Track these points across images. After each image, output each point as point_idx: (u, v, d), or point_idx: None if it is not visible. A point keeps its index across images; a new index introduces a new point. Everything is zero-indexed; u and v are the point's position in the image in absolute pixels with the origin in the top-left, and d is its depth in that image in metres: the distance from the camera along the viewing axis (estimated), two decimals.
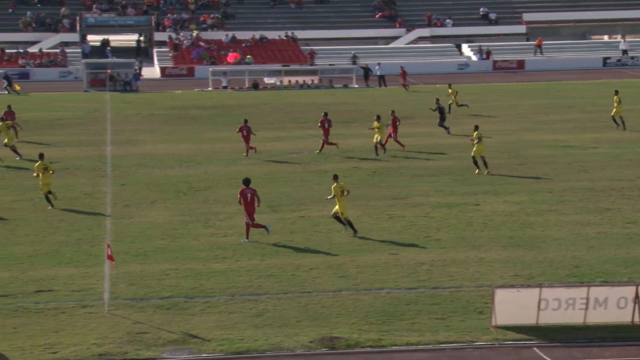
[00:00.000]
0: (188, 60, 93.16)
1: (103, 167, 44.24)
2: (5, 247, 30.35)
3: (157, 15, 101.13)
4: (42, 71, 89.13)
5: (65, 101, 70.71)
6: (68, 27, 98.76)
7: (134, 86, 79.69)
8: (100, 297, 25.13)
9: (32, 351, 21.71)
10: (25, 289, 26.08)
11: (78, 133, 54.68)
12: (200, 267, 28.16)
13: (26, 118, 60.58)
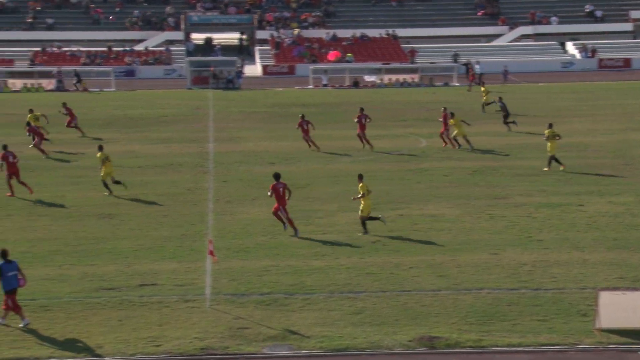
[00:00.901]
0: (289, 59, 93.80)
1: (205, 163, 44.85)
2: (111, 242, 31.02)
3: (259, 14, 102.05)
4: (147, 69, 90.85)
5: (169, 98, 71.93)
6: (173, 25, 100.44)
7: (236, 84, 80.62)
8: (202, 292, 25.50)
9: (136, 344, 22.14)
10: (130, 283, 26.62)
11: (181, 130, 55.57)
12: (300, 264, 28.33)
13: (133, 115, 61.89)
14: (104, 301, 25.03)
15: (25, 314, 23.59)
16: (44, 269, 27.82)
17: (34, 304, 24.72)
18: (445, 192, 37.72)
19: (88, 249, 30.07)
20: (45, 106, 65.88)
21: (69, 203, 36.42)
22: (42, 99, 71.40)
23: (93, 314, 24.09)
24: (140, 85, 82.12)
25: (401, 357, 21.58)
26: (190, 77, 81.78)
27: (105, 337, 22.50)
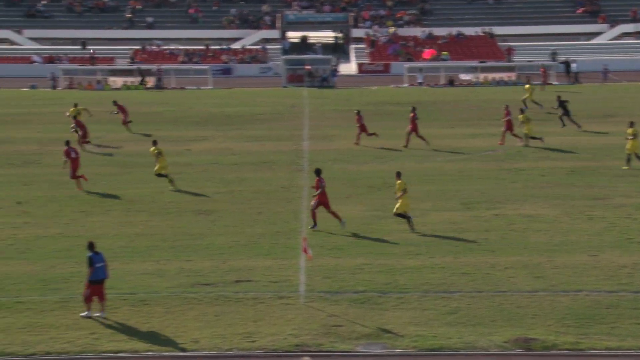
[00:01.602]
0: (384, 57, 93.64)
1: (300, 161, 45.07)
2: (207, 238, 31.42)
3: (355, 12, 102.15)
4: (244, 67, 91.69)
5: (265, 96, 72.49)
6: (269, 24, 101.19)
7: (331, 82, 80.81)
8: (297, 289, 25.66)
9: (232, 339, 22.39)
10: (225, 279, 26.92)
11: (277, 128, 55.95)
12: (394, 263, 28.27)
13: (229, 113, 62.52)
14: (200, 296, 25.37)
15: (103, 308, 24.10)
16: (142, 264, 28.33)
17: (134, 297, 25.20)
18: (542, 192, 37.22)
19: (185, 245, 30.51)
20: (144, 104, 67.15)
21: (167, 199, 37.00)
22: (141, 97, 72.67)
23: (189, 309, 24.44)
24: (237, 83, 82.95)
25: (496, 358, 21.38)
26: (285, 75, 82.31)
27: (202, 332, 22.80)
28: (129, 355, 21.67)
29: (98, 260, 24.07)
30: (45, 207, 35.63)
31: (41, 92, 76.30)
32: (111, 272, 27.07)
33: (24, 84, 79.36)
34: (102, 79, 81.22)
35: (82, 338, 22.47)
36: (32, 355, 21.58)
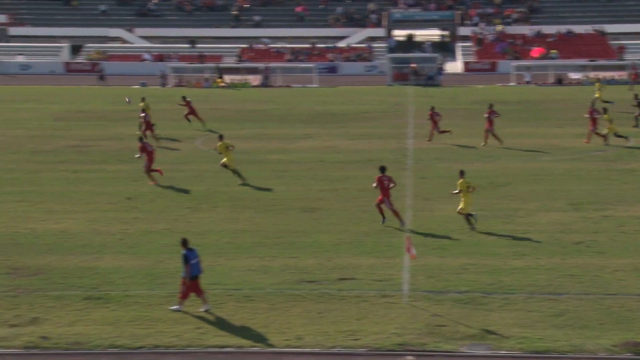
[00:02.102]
0: (491, 55, 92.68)
1: (404, 160, 44.92)
2: (312, 235, 31.56)
3: (462, 10, 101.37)
4: (349, 65, 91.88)
5: (370, 95, 72.49)
6: (375, 22, 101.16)
7: (437, 80, 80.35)
8: (400, 288, 25.58)
9: (335, 336, 22.45)
10: (329, 276, 27.01)
11: (381, 126, 55.89)
12: (499, 263, 27.94)
13: (334, 111, 62.69)
14: (304, 293, 25.50)
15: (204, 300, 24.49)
16: (247, 260, 28.62)
17: (239, 293, 25.48)
18: None
19: (290, 242, 30.71)
20: (251, 102, 67.86)
21: (273, 196, 37.31)
22: (248, 95, 73.45)
23: (293, 306, 24.59)
24: (342, 81, 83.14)
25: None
26: (390, 73, 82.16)
27: (305, 329, 22.92)
28: (235, 350, 21.91)
29: (192, 257, 24.40)
30: (154, 202, 36.31)
31: (151, 89, 77.76)
32: (217, 268, 27.50)
33: (135, 81, 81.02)
34: (210, 77, 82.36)
35: (188, 332, 22.83)
36: (140, 349, 22.00)
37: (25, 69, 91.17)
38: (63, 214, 34.31)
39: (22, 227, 32.36)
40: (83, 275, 26.99)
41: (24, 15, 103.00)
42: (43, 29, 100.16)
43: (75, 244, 30.25)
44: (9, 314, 23.86)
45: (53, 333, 22.68)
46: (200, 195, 37.39)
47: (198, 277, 24.41)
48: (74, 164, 43.47)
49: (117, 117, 59.19)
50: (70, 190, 38.27)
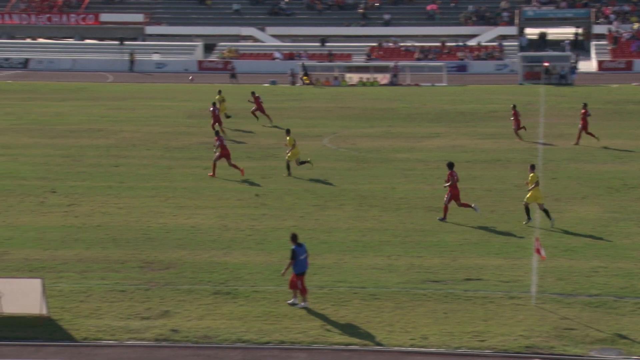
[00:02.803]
0: (627, 54, 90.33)
1: (534, 160, 44.19)
2: (437, 234, 31.39)
3: (597, 8, 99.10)
4: (479, 64, 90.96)
5: (500, 94, 71.57)
6: (507, 20, 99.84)
7: (570, 79, 78.79)
8: (528, 290, 25.20)
9: (461, 337, 22.28)
10: (455, 276, 26.81)
11: (511, 125, 55.06)
12: (632, 267, 27.24)
13: (463, 110, 62.15)
14: (430, 293, 25.38)
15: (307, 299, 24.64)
16: (373, 259, 28.66)
17: (364, 292, 25.55)
18: None
19: (415, 241, 30.62)
20: (379, 100, 67.87)
21: (399, 195, 37.25)
22: (376, 93, 73.51)
23: (419, 305, 24.51)
24: (471, 80, 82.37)
25: None
26: (522, 72, 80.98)
27: (430, 329, 22.82)
28: (360, 349, 21.98)
29: (301, 253, 24.57)
30: (282, 199, 36.70)
31: (281, 87, 78.64)
32: (343, 266, 27.64)
33: (265, 79, 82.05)
34: (339, 75, 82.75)
35: (314, 329, 23.00)
36: (267, 344, 22.29)
37: (161, 67, 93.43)
38: (194, 209, 35.04)
39: (155, 221, 33.18)
40: (212, 270, 27.50)
41: (160, 15, 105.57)
42: (178, 28, 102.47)
43: (205, 239, 30.85)
44: (141, 307, 24.50)
45: (183, 326, 23.18)
46: (327, 193, 37.60)
47: (304, 273, 24.59)
48: (205, 160, 44.30)
49: (247, 114, 60.03)
50: (200, 186, 39.05)
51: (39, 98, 67.64)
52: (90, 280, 26.62)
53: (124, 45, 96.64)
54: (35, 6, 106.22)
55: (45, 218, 33.52)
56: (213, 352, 21.86)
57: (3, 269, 27.28)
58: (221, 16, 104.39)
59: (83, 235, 31.26)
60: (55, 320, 23.45)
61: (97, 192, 37.66)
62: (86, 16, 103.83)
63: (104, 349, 22.00)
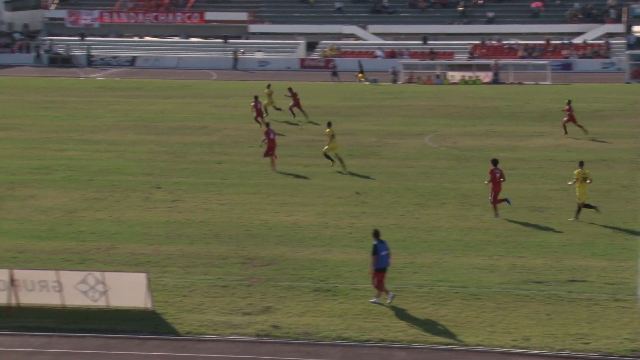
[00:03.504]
0: None
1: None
2: (540, 235, 30.97)
3: None
4: (585, 62, 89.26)
5: (606, 92, 70.16)
6: (614, 17, 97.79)
7: None
8: (634, 292, 24.67)
9: (564, 339, 21.94)
10: (558, 277, 26.41)
11: (617, 125, 54.00)
12: None
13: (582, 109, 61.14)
14: (532, 294, 25.06)
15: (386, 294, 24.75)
16: (475, 258, 28.43)
17: (465, 291, 25.37)
18: None
19: (517, 241, 30.26)
20: (481, 98, 67.23)
21: (501, 195, 36.77)
22: (478, 91, 72.84)
23: (521, 306, 24.22)
24: (576, 78, 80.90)
25: None
26: (629, 70, 79.21)
27: (533, 330, 22.53)
28: (460, 348, 21.84)
29: (382, 249, 24.62)
30: (382, 197, 36.67)
31: (382, 85, 78.53)
32: (444, 265, 27.51)
33: (366, 77, 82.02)
34: (441, 74, 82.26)
35: (414, 328, 22.94)
36: (367, 342, 22.31)
37: (263, 65, 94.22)
38: (295, 206, 35.27)
39: (256, 218, 33.51)
40: (313, 267, 27.65)
41: (264, 13, 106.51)
42: (281, 26, 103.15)
43: (305, 236, 31.04)
44: (243, 302, 24.78)
45: (283, 322, 23.37)
46: (428, 192, 37.42)
47: (385, 269, 24.61)
48: (305, 158, 44.57)
49: (349, 112, 60.17)
50: (301, 183, 39.28)
51: (144, 95, 68.95)
52: (193, 275, 27.05)
53: (228, 43, 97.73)
54: (142, 5, 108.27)
55: (150, 213, 34.17)
56: (313, 349, 21.98)
57: (110, 263, 27.91)
58: (323, 14, 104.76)
59: (186, 231, 31.77)
60: (160, 314, 23.89)
61: (200, 188, 38.22)
62: (192, 15, 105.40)
63: (206, 343, 22.33)
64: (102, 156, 45.14)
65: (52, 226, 32.29)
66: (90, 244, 30.14)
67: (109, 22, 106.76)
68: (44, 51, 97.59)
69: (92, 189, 38.00)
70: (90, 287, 23.94)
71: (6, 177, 39.85)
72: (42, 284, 24.00)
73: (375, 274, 24.63)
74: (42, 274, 24.28)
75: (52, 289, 24.00)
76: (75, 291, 23.98)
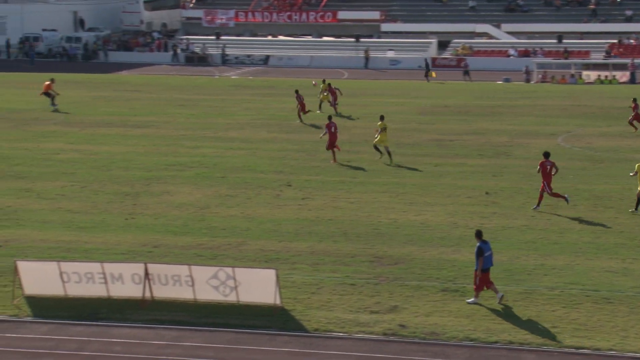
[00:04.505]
0: None
1: None
2: None
3: None
4: None
5: None
6: None
7: None
8: None
9: None
10: None
11: None
12: None
13: None
14: None
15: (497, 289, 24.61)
16: (607, 261, 27.83)
17: (597, 295, 24.87)
18: None
19: None
20: (616, 98, 65.64)
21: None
22: (614, 91, 71.13)
23: None
24: None
25: None
26: None
27: None
28: (591, 352, 21.42)
29: (487, 249, 24.53)
30: (512, 198, 36.22)
31: (514, 85, 77.55)
32: (575, 267, 27.03)
33: (498, 77, 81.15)
34: (575, 73, 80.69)
35: (543, 330, 22.61)
36: (495, 343, 22.10)
37: (394, 64, 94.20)
38: (423, 206, 35.17)
39: (385, 217, 33.56)
40: (441, 267, 27.54)
41: (396, 12, 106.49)
42: (413, 25, 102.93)
43: (434, 236, 30.93)
44: (370, 301, 24.87)
45: (410, 322, 23.36)
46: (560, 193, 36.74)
47: (489, 270, 24.55)
48: (435, 157, 44.39)
49: (481, 112, 59.65)
50: (431, 183, 39.13)
51: (277, 94, 69.84)
52: (322, 272, 27.28)
53: (360, 43, 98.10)
54: (277, 4, 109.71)
55: (281, 210, 34.62)
56: (440, 349, 21.90)
57: (240, 259, 28.41)
58: (456, 13, 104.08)
59: (316, 229, 32.06)
60: (288, 311, 24.20)
61: (329, 186, 38.51)
62: (325, 14, 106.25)
63: (334, 340, 22.49)
64: (235, 154, 45.95)
65: (185, 221, 33.06)
66: (222, 239, 30.73)
67: (243, 21, 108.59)
68: (181, 50, 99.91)
69: (224, 185, 38.74)
70: (221, 282, 24.42)
71: (143, 174, 40.99)
72: (175, 278, 24.59)
73: (477, 274, 24.54)
74: (176, 269, 24.87)
75: (185, 283, 24.57)
76: (207, 286, 24.50)
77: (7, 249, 29.52)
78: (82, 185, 38.71)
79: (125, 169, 42.09)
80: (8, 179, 39.73)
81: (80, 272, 24.91)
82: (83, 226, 32.31)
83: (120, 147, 47.43)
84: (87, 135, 51.38)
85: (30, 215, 33.71)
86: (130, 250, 29.30)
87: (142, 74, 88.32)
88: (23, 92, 70.45)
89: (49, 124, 55.03)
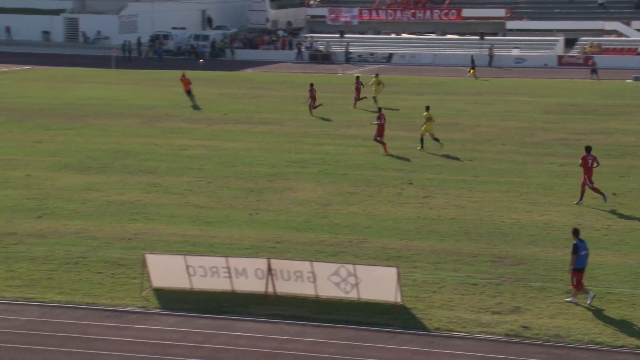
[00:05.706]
0: None
1: None
2: None
3: None
4: None
5: None
6: None
7: None
8: None
9: None
10: None
11: None
12: None
13: None
14: None
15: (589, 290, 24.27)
16: None
17: None
18: None
19: None
20: None
21: None
22: None
23: None
24: None
25: None
26: None
27: None
28: None
29: (582, 248, 24.19)
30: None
31: None
32: None
33: (628, 75, 79.22)
34: None
35: None
36: (621, 347, 21.66)
37: (520, 62, 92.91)
38: (547, 206, 34.66)
39: (507, 217, 33.20)
40: (565, 269, 27.08)
41: (522, 10, 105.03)
42: (539, 23, 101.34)
43: (558, 237, 30.45)
44: (492, 301, 24.67)
45: (534, 323, 23.08)
46: None
47: (583, 269, 24.21)
48: (560, 157, 43.67)
49: (608, 111, 58.37)
50: (555, 183, 38.52)
51: (400, 92, 69.71)
52: (443, 271, 27.19)
53: (484, 40, 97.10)
54: (400, 2, 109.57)
55: (402, 209, 34.62)
56: (564, 352, 21.57)
57: (361, 257, 28.54)
58: (585, 10, 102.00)
59: (437, 227, 31.95)
60: (409, 309, 24.21)
61: (451, 185, 38.30)
62: (449, 11, 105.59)
63: (455, 340, 22.41)
64: (356, 151, 46.12)
65: (308, 218, 33.38)
66: (343, 236, 30.92)
67: (367, 19, 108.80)
68: (305, 48, 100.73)
69: (346, 183, 38.94)
70: (343, 279, 24.59)
71: (266, 170, 41.54)
72: (297, 274, 24.87)
73: (573, 273, 24.15)
74: (298, 265, 25.15)
75: (307, 279, 24.82)
76: (328, 282, 24.70)
77: (136, 242, 30.37)
78: (208, 180, 39.48)
79: (250, 165, 42.73)
80: (138, 174, 40.81)
81: (205, 266, 25.44)
82: (209, 221, 32.97)
83: (244, 144, 48.17)
84: (213, 131, 52.35)
85: (159, 210, 34.57)
86: (253, 246, 29.76)
87: (266, 71, 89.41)
88: (153, 89, 72.24)
89: (176, 121, 56.28)
